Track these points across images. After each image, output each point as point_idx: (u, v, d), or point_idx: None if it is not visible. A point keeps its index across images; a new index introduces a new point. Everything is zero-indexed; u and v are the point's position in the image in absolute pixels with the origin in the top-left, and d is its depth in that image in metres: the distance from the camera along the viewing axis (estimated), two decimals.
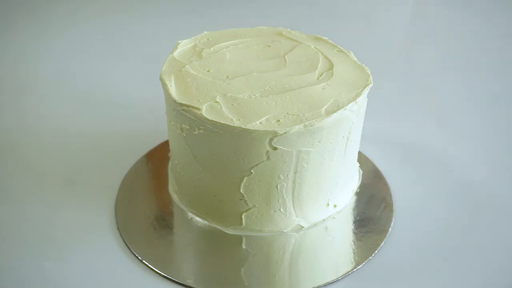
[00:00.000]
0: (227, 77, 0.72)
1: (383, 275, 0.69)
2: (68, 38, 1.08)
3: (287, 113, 0.67)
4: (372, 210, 0.76)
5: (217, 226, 0.73)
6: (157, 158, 0.81)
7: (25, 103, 0.93)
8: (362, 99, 0.70)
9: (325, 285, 0.68)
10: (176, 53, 0.75)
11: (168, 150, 0.77)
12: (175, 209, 0.76)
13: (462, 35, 1.05)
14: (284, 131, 0.66)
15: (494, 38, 1.07)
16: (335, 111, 0.67)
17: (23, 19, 1.12)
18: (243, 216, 0.71)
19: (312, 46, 0.76)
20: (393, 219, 0.75)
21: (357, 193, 0.77)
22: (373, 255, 0.71)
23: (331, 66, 0.73)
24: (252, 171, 0.68)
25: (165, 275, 0.69)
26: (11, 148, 0.85)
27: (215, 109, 0.67)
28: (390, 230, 0.73)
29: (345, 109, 0.67)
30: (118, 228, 0.73)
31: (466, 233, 0.74)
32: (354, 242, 0.73)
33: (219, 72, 0.72)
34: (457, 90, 0.97)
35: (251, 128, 0.66)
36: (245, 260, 0.70)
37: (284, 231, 0.72)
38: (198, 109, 0.67)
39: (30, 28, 1.10)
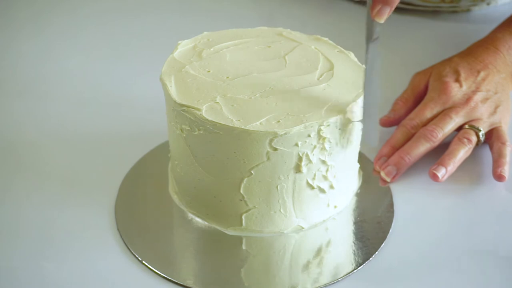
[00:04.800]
0: (227, 77, 0.72)
1: (384, 276, 0.69)
2: (68, 38, 1.07)
3: (287, 113, 0.67)
4: (373, 211, 0.76)
5: (217, 227, 0.73)
6: (157, 159, 0.81)
7: (24, 103, 0.92)
8: (363, 100, 0.70)
9: (325, 286, 0.68)
10: (176, 54, 0.75)
11: (168, 151, 0.77)
12: (175, 209, 0.76)
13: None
14: (285, 131, 0.66)
15: None
16: (335, 113, 0.67)
17: (23, 19, 1.12)
18: (243, 217, 0.71)
19: (313, 47, 0.76)
20: (393, 220, 0.75)
21: (357, 194, 0.77)
22: (373, 256, 0.71)
23: (331, 67, 0.73)
24: (252, 171, 0.68)
25: (165, 275, 0.69)
26: (11, 148, 0.85)
27: (215, 110, 0.67)
28: (390, 231, 0.73)
29: (346, 112, 0.67)
30: (118, 228, 0.73)
31: (467, 234, 0.74)
32: (354, 243, 0.73)
33: (219, 73, 0.72)
34: None
35: (251, 128, 0.65)
36: (245, 261, 0.70)
37: (284, 232, 0.72)
38: (198, 109, 0.67)
39: (29, 28, 1.10)
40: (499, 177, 0.77)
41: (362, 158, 0.79)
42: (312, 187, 0.70)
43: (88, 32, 1.09)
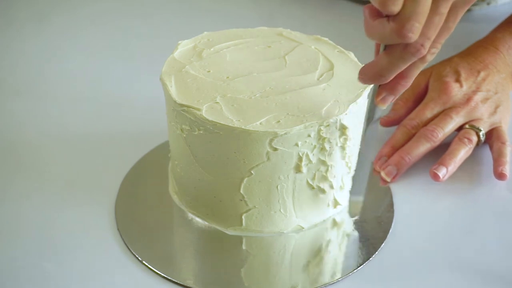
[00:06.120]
0: (227, 77, 0.72)
1: (384, 276, 0.69)
2: (68, 38, 1.07)
3: (287, 113, 0.67)
4: (373, 211, 0.76)
5: (217, 227, 0.73)
6: (157, 159, 0.81)
7: (24, 103, 0.92)
8: (363, 100, 0.70)
9: (325, 285, 0.68)
10: (176, 54, 0.75)
11: (168, 151, 0.77)
12: (175, 209, 0.76)
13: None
14: (285, 131, 0.66)
15: None
16: (335, 113, 0.67)
17: (23, 19, 1.12)
18: (243, 217, 0.71)
19: (313, 47, 0.76)
20: (393, 220, 0.75)
21: None
22: (373, 255, 0.71)
23: (331, 67, 0.73)
24: (252, 171, 0.68)
25: (165, 275, 0.69)
26: (11, 148, 0.85)
27: (215, 110, 0.67)
28: (390, 230, 0.73)
29: (346, 113, 0.67)
30: (118, 228, 0.73)
31: (467, 233, 0.74)
32: (354, 243, 0.73)
33: (219, 73, 0.72)
34: None
35: (251, 128, 0.66)
36: (245, 261, 0.70)
37: (284, 231, 0.72)
38: (198, 109, 0.67)
39: (29, 27, 1.10)
40: (500, 175, 0.77)
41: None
42: (312, 187, 0.71)
43: (88, 32, 1.09)
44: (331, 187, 0.72)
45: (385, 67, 0.61)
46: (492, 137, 0.81)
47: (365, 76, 0.63)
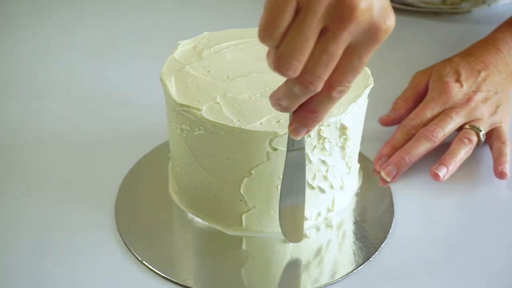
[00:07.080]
0: (228, 77, 0.72)
1: (384, 276, 0.69)
2: (68, 38, 1.07)
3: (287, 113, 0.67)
4: (373, 211, 0.76)
5: (217, 227, 0.73)
6: (157, 159, 0.81)
7: (24, 103, 0.92)
8: (363, 100, 0.70)
9: (325, 285, 0.68)
10: (176, 54, 0.75)
11: (168, 151, 0.77)
12: (175, 209, 0.76)
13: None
14: (285, 131, 0.66)
15: None
16: (335, 113, 0.67)
17: (22, 19, 1.12)
18: (243, 217, 0.71)
19: None
20: (393, 220, 0.75)
21: (357, 194, 0.77)
22: (373, 256, 0.71)
23: None
24: (252, 171, 0.68)
25: (165, 275, 0.69)
26: (11, 147, 0.85)
27: (215, 110, 0.67)
28: (390, 231, 0.73)
29: (346, 113, 0.67)
30: (118, 228, 0.73)
31: (467, 234, 0.74)
32: (354, 243, 0.72)
33: (219, 73, 0.72)
34: None
35: (251, 128, 0.65)
36: (245, 261, 0.70)
37: None
38: (198, 109, 0.67)
39: (29, 27, 1.10)
40: (500, 174, 0.77)
41: (362, 158, 0.79)
42: (312, 187, 0.70)
43: (87, 32, 1.09)
44: (331, 187, 0.72)
45: (283, 96, 0.57)
46: (492, 137, 0.81)
47: (270, 100, 0.59)
